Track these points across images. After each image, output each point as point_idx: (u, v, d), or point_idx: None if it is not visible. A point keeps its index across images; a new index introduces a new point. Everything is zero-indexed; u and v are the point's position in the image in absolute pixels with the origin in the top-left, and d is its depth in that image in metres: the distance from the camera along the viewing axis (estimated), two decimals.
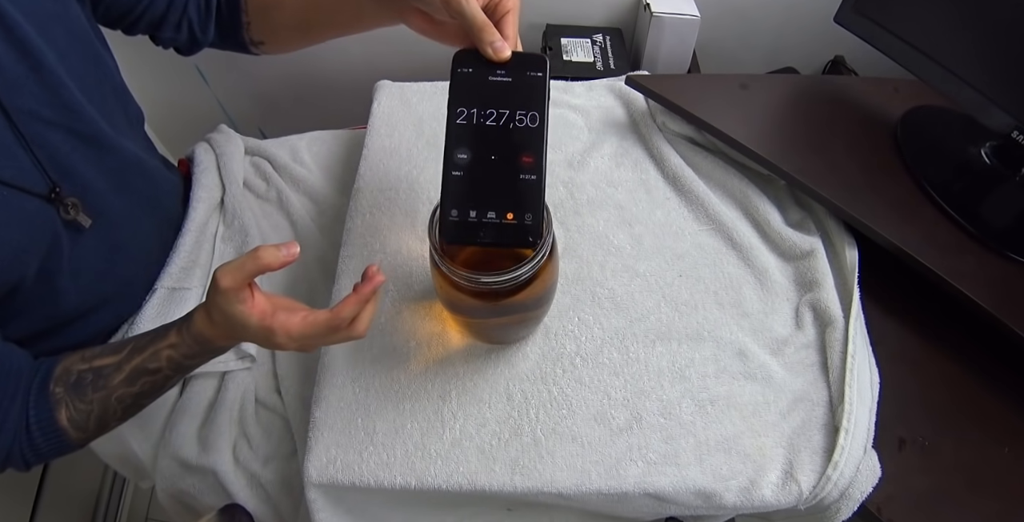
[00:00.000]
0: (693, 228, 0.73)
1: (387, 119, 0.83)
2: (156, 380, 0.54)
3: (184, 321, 0.53)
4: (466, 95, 0.48)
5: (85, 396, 0.52)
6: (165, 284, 0.69)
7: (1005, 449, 0.60)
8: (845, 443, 0.56)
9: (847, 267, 0.68)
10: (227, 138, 0.84)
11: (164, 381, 0.55)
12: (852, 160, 0.75)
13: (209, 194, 0.76)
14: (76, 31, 0.57)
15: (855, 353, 0.61)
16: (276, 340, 0.49)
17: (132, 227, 0.65)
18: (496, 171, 0.47)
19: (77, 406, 0.52)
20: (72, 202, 0.56)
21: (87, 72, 0.57)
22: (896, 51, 0.76)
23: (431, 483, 0.57)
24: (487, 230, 0.47)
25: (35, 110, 0.51)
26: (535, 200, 0.47)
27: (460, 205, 0.47)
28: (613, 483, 0.56)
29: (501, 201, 0.47)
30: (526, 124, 0.48)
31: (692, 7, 0.96)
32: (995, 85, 0.68)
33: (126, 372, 0.53)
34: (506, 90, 0.48)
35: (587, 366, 0.63)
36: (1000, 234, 0.68)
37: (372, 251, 0.71)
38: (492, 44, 0.48)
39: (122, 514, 1.17)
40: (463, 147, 0.48)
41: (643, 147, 0.81)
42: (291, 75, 1.17)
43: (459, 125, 0.48)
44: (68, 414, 0.52)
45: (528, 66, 0.49)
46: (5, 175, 0.49)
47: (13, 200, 0.50)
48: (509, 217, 0.47)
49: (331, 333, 0.50)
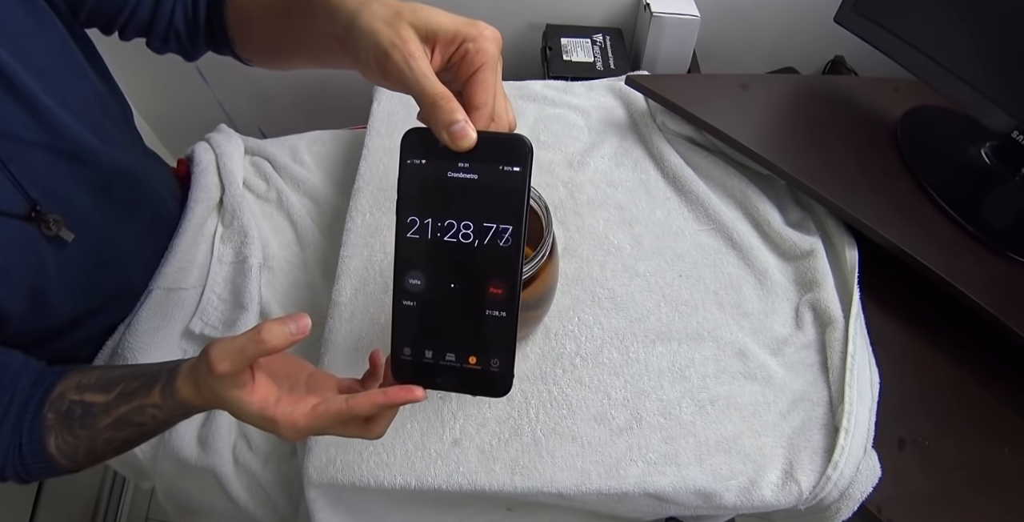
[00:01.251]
0: (693, 228, 0.73)
1: (387, 119, 0.83)
2: (144, 430, 0.52)
3: (168, 384, 0.47)
4: (417, 198, 0.37)
5: (73, 430, 0.51)
6: (160, 285, 0.69)
7: (1005, 449, 0.60)
8: (845, 443, 0.56)
9: (847, 267, 0.68)
10: (227, 138, 0.83)
11: (154, 431, 0.53)
12: (852, 160, 0.75)
13: (207, 194, 0.76)
14: (53, 44, 0.55)
15: (855, 353, 0.61)
16: (280, 433, 0.43)
17: (119, 234, 0.64)
18: (457, 303, 0.38)
19: (66, 438, 0.51)
20: (54, 218, 0.55)
21: (69, 85, 0.56)
22: (896, 51, 0.76)
23: (431, 483, 0.57)
24: (445, 375, 0.39)
25: (12, 132, 0.50)
26: (504, 342, 0.38)
27: (413, 343, 0.39)
28: (613, 483, 0.56)
29: (462, 342, 0.38)
30: (496, 242, 0.36)
31: (692, 7, 0.96)
32: (995, 85, 0.68)
33: (113, 417, 0.50)
34: (471, 192, 0.36)
35: (587, 366, 0.63)
36: (1000, 234, 0.68)
37: (372, 251, 0.71)
38: (449, 128, 0.35)
39: (122, 514, 1.17)
40: (415, 270, 0.38)
41: (643, 147, 0.81)
42: (291, 75, 1.17)
43: (409, 239, 0.37)
44: (57, 443, 0.51)
45: (503, 156, 0.35)
46: None
47: None
48: (472, 361, 0.38)
49: (342, 426, 0.43)
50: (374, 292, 0.68)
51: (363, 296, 0.68)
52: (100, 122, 0.60)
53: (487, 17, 0.51)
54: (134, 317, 0.67)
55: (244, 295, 0.70)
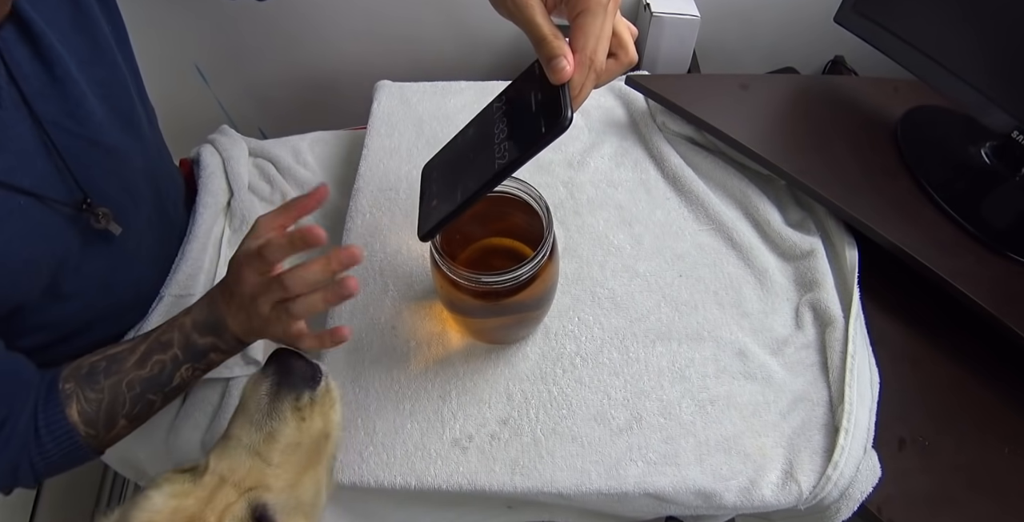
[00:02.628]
0: (693, 228, 0.73)
1: (387, 119, 0.83)
2: (165, 361, 0.52)
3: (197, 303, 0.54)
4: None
5: (97, 384, 0.51)
6: (172, 292, 0.69)
7: (1005, 449, 0.60)
8: (845, 443, 0.56)
9: (847, 267, 0.68)
10: (232, 141, 0.83)
11: (172, 365, 0.53)
12: (852, 160, 0.75)
13: (216, 199, 0.76)
14: (97, 37, 0.56)
15: (855, 353, 0.61)
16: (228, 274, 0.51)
17: (147, 234, 0.65)
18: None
19: (88, 396, 0.51)
20: (103, 211, 0.55)
21: (108, 79, 0.57)
22: (896, 51, 0.76)
23: (431, 483, 0.57)
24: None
25: (59, 121, 0.51)
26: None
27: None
28: (613, 483, 0.56)
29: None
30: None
31: (692, 7, 0.96)
32: (995, 85, 0.68)
33: (139, 353, 0.52)
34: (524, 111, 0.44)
35: (587, 366, 0.63)
36: (1000, 234, 0.68)
37: (372, 251, 0.71)
38: (548, 62, 0.40)
39: None
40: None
41: (643, 147, 0.81)
42: (291, 75, 1.17)
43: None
44: (79, 407, 0.51)
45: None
46: (25, 183, 0.48)
47: (32, 210, 0.49)
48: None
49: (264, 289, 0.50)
50: (374, 292, 0.68)
51: (363, 296, 0.68)
52: (133, 121, 0.61)
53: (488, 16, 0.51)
54: (144, 323, 0.67)
55: None
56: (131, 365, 0.52)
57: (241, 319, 0.52)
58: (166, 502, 0.42)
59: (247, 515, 0.43)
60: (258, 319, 0.51)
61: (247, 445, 0.46)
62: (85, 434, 0.52)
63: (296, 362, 0.50)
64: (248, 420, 0.47)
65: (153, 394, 0.53)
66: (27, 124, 0.49)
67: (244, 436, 0.46)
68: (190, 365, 0.54)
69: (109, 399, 0.52)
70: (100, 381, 0.51)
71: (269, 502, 0.44)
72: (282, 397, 0.48)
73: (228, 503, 0.43)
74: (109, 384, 0.52)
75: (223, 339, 0.54)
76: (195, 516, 0.41)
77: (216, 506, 0.42)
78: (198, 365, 0.54)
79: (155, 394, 0.54)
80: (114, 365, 0.52)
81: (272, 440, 0.46)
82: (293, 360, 0.50)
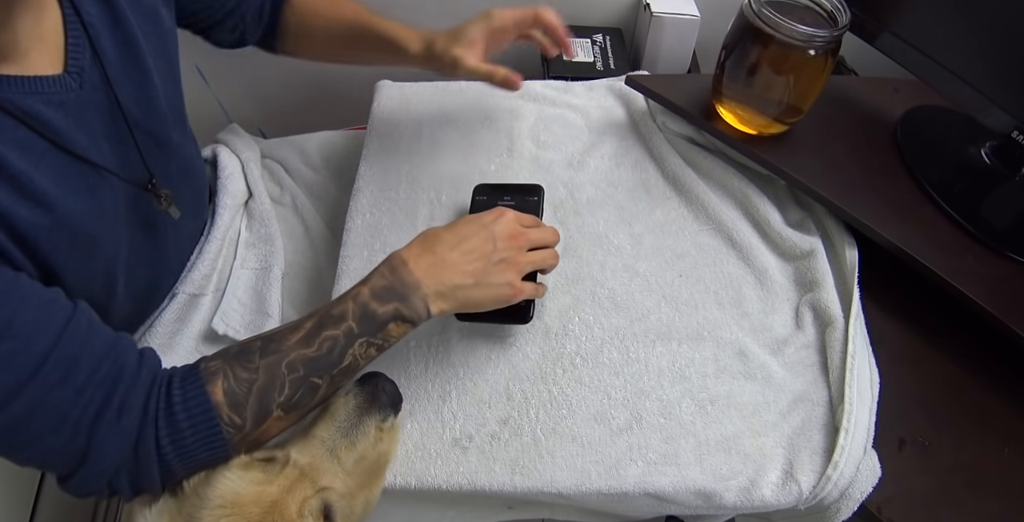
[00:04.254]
0: (693, 228, 0.73)
1: (387, 119, 0.83)
2: (337, 336, 0.48)
3: (377, 267, 0.52)
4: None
5: (251, 362, 0.45)
6: (187, 289, 0.69)
7: (1005, 449, 0.60)
8: (845, 443, 0.56)
9: (847, 267, 0.68)
10: (245, 143, 0.84)
11: (346, 340, 0.48)
12: (852, 160, 0.75)
13: (235, 201, 0.76)
14: (162, 31, 0.58)
15: (855, 353, 0.61)
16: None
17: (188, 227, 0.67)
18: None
19: (238, 374, 0.45)
20: (166, 193, 0.58)
21: (166, 73, 0.59)
22: (896, 51, 0.76)
23: (431, 483, 0.57)
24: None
25: (129, 107, 0.53)
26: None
27: None
28: (613, 483, 0.56)
29: None
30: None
31: (692, 7, 0.96)
32: (995, 85, 0.68)
33: (305, 329, 0.47)
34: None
35: (587, 366, 0.63)
36: (1000, 234, 0.68)
37: (372, 251, 0.71)
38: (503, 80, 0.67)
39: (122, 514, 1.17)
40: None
41: (643, 147, 0.81)
42: (291, 75, 1.17)
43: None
44: (225, 385, 0.44)
45: (527, 193, 0.69)
46: (100, 160, 0.50)
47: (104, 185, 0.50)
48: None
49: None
50: None
51: None
52: (183, 114, 0.64)
53: None
54: (157, 319, 0.67)
55: (267, 302, 0.70)
56: (294, 343, 0.47)
57: (451, 274, 0.51)
58: (247, 486, 0.44)
59: (320, 511, 0.46)
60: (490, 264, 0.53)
61: (330, 447, 0.49)
62: (228, 419, 0.45)
63: (388, 385, 0.54)
64: (335, 425, 0.50)
65: (319, 376, 0.48)
66: (104, 106, 0.50)
67: (329, 439, 0.49)
68: (366, 340, 0.49)
69: (264, 381, 0.45)
70: (255, 360, 0.46)
71: (335, 504, 0.47)
72: (372, 413, 0.52)
73: (305, 496, 0.45)
74: (265, 364, 0.46)
75: (408, 304, 0.50)
76: (278, 502, 0.44)
77: (296, 497, 0.45)
78: (374, 339, 0.50)
79: (321, 376, 0.48)
80: (272, 344, 0.46)
81: (352, 448, 0.49)
82: (386, 383, 0.54)
